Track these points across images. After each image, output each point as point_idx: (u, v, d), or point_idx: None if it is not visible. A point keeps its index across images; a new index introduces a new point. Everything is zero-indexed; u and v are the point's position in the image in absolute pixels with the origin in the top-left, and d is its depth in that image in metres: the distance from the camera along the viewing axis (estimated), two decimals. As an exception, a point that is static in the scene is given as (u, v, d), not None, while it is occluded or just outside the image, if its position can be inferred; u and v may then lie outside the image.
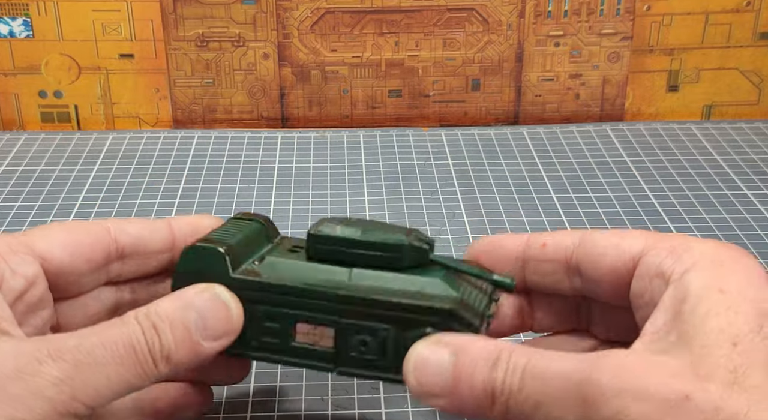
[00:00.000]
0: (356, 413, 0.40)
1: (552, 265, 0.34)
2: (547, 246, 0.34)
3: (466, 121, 0.75)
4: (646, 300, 0.30)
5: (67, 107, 0.74)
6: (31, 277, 0.32)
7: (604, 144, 0.69)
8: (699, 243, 0.30)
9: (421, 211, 0.59)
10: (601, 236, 0.33)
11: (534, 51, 0.73)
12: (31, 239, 0.33)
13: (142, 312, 0.30)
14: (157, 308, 0.30)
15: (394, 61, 0.73)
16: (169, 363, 0.29)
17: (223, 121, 0.75)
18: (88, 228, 0.34)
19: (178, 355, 0.30)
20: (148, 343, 0.29)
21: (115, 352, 0.28)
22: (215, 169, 0.65)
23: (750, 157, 0.67)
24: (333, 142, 0.70)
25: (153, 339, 0.29)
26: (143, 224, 0.35)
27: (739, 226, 0.56)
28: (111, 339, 0.28)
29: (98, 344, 0.28)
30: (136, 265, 0.35)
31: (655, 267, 0.30)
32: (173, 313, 0.30)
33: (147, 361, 0.29)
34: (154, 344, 0.29)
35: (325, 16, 0.72)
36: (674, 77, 0.75)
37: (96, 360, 0.28)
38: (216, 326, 0.31)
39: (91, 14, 0.71)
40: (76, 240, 0.33)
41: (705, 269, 0.28)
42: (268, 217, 0.36)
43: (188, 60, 0.72)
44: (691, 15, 0.73)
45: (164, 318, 0.30)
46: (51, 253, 0.32)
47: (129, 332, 0.29)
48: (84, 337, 0.28)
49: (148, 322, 0.29)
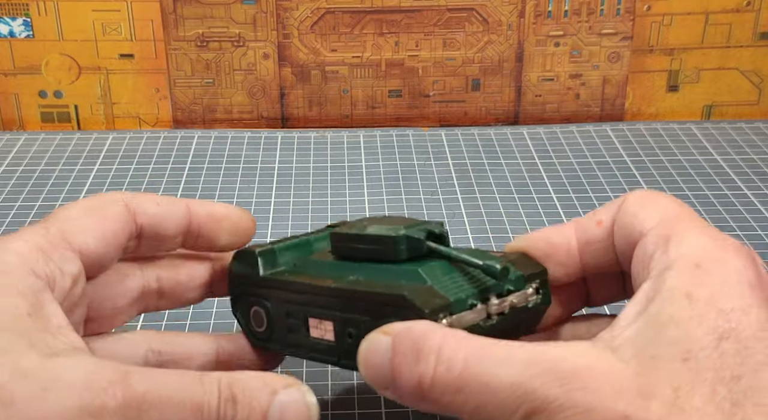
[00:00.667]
0: (356, 413, 0.40)
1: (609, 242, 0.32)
2: (603, 224, 0.32)
3: (466, 121, 0.75)
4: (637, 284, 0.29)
5: (67, 107, 0.74)
6: (77, 276, 0.31)
7: (604, 144, 0.69)
8: (693, 235, 0.28)
9: (421, 212, 0.59)
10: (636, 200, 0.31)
11: (534, 51, 0.73)
12: (66, 230, 0.31)
13: (226, 379, 0.27)
14: (244, 383, 0.28)
15: (394, 61, 0.73)
16: None
17: (223, 121, 0.75)
18: (110, 210, 0.33)
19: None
20: (220, 413, 0.27)
21: (182, 408, 0.26)
22: (215, 169, 0.65)
23: (750, 157, 0.67)
24: (333, 142, 0.70)
25: (227, 411, 0.27)
26: (162, 204, 0.34)
27: (739, 226, 0.56)
28: (182, 396, 0.26)
29: (167, 399, 0.26)
30: (150, 245, 0.34)
31: (648, 256, 0.29)
32: (257, 394, 0.28)
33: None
34: (225, 416, 0.27)
35: (325, 16, 0.72)
36: (674, 77, 0.75)
37: (162, 410, 0.26)
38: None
39: (91, 14, 0.71)
40: (106, 228, 0.32)
41: (682, 270, 0.27)
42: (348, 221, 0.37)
43: (188, 60, 0.72)
44: (691, 15, 0.73)
45: (246, 395, 0.27)
46: (87, 246, 0.31)
47: (204, 394, 0.27)
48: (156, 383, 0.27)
49: (228, 392, 0.27)
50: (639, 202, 0.31)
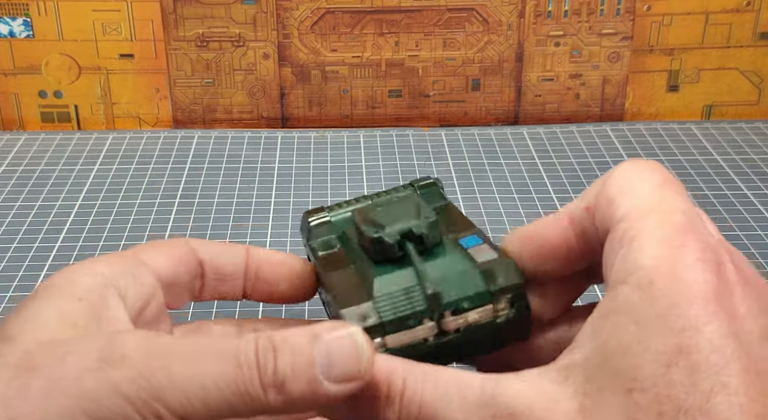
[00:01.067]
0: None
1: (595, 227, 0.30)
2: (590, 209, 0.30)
3: (466, 121, 0.75)
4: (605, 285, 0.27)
5: (67, 107, 0.74)
6: (151, 288, 0.30)
7: (604, 144, 0.69)
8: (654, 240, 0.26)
9: (421, 211, 0.59)
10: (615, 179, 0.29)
11: (534, 51, 0.73)
12: (144, 253, 0.31)
13: (264, 334, 0.26)
14: (282, 333, 0.26)
15: (394, 61, 0.73)
16: (281, 392, 0.25)
17: (223, 121, 0.75)
18: (173, 242, 0.33)
19: (294, 386, 0.25)
20: (260, 362, 0.25)
21: (216, 359, 0.25)
22: (215, 169, 0.65)
23: (750, 157, 0.67)
24: (333, 142, 0.70)
25: (267, 360, 0.25)
26: (220, 244, 0.34)
27: (739, 226, 0.56)
28: (216, 347, 0.25)
29: (197, 348, 0.25)
30: (212, 285, 0.34)
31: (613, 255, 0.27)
32: (298, 339, 0.26)
33: (253, 382, 0.25)
34: (266, 365, 0.25)
35: (325, 16, 0.72)
36: (674, 77, 0.75)
37: (189, 361, 0.25)
38: (343, 367, 0.26)
39: (91, 14, 0.71)
40: (173, 252, 0.32)
41: (635, 288, 0.25)
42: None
43: (188, 60, 0.72)
44: (691, 15, 0.73)
45: (287, 342, 0.26)
46: (160, 264, 0.31)
47: (239, 345, 0.25)
48: (185, 338, 0.26)
49: (267, 342, 0.25)
50: (619, 181, 0.28)
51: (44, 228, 0.57)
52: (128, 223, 0.57)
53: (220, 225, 0.57)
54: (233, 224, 0.57)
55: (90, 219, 0.58)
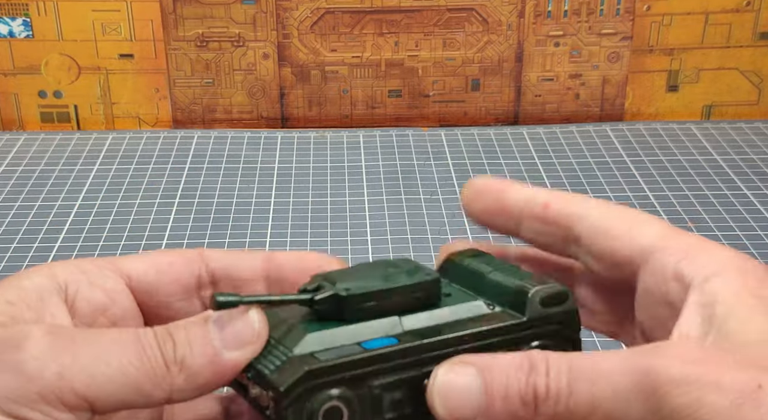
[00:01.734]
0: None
1: (551, 228, 0.32)
2: (550, 207, 0.32)
3: (465, 121, 0.75)
4: (657, 299, 0.29)
5: (66, 107, 0.74)
6: (110, 291, 0.30)
7: (604, 144, 0.69)
8: (715, 248, 0.29)
9: (421, 212, 0.59)
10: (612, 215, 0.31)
11: (534, 51, 0.73)
12: (120, 260, 0.31)
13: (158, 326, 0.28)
14: (176, 323, 0.28)
15: (394, 61, 0.73)
16: (184, 369, 0.27)
17: (222, 121, 0.75)
18: (182, 252, 0.32)
19: (195, 360, 0.27)
20: (159, 341, 0.27)
21: (118, 340, 0.26)
22: (215, 169, 0.65)
23: (750, 157, 0.67)
24: (333, 142, 0.70)
25: (164, 339, 0.27)
26: (237, 252, 0.33)
27: (739, 226, 0.56)
28: (116, 332, 0.27)
29: (99, 333, 0.26)
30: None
31: (672, 268, 0.28)
32: (191, 321, 0.28)
33: (157, 358, 0.26)
34: (165, 343, 0.27)
35: (325, 16, 0.72)
36: (674, 77, 0.75)
37: (92, 343, 0.26)
38: (236, 333, 0.28)
39: (91, 14, 0.71)
40: (166, 260, 0.32)
41: (732, 277, 0.27)
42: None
43: (188, 60, 0.72)
44: (691, 15, 0.73)
45: (179, 325, 0.27)
46: (136, 270, 0.31)
47: (137, 330, 0.27)
48: (87, 328, 0.27)
49: (161, 328, 0.27)
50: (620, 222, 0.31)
51: (44, 228, 0.57)
52: (128, 223, 0.57)
53: (220, 225, 0.57)
54: (233, 224, 0.57)
55: (90, 219, 0.58)
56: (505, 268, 0.32)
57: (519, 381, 0.27)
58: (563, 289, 0.30)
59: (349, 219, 0.58)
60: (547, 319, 0.30)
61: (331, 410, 0.29)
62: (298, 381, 0.28)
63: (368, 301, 0.30)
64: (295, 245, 0.55)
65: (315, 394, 0.28)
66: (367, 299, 0.30)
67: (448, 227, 0.57)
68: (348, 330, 0.30)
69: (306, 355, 0.28)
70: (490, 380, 0.27)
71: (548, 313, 0.30)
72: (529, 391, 0.27)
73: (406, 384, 0.29)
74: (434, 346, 0.29)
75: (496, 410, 0.27)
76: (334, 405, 0.29)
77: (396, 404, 0.29)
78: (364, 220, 0.58)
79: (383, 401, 0.29)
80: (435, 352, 0.29)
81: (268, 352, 0.29)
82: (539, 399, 0.26)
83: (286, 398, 0.28)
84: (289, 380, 0.28)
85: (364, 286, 0.30)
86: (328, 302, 0.30)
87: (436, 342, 0.29)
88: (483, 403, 0.27)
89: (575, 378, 0.26)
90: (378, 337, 0.29)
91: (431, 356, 0.29)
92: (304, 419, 0.28)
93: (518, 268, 0.32)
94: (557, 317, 0.30)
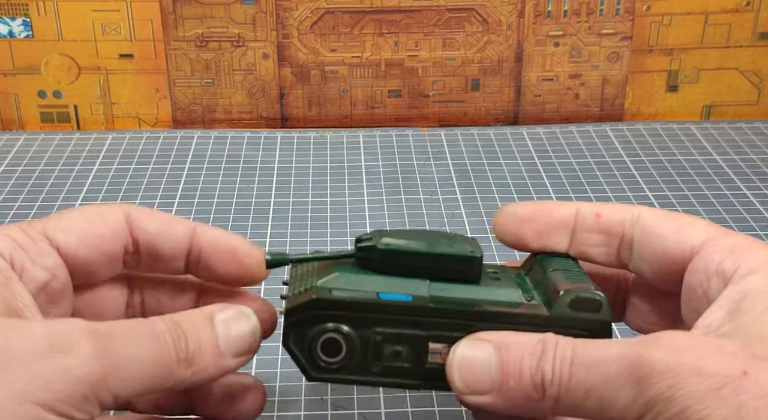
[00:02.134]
0: (356, 413, 0.40)
1: (605, 237, 0.33)
2: (602, 216, 0.33)
3: (465, 121, 0.75)
4: (699, 295, 0.30)
5: (66, 107, 0.74)
6: (52, 268, 0.31)
7: (604, 144, 0.69)
8: (762, 247, 0.29)
9: (421, 212, 0.59)
10: (662, 218, 0.32)
11: (534, 51, 0.73)
12: (47, 228, 0.32)
13: (166, 315, 0.29)
14: (181, 313, 0.29)
15: (393, 61, 0.73)
16: (191, 366, 0.28)
17: (222, 121, 0.75)
18: (105, 217, 0.33)
19: (202, 360, 0.29)
20: (173, 338, 0.28)
21: (143, 336, 0.28)
22: (215, 169, 0.65)
23: (749, 157, 0.67)
24: (332, 143, 0.70)
25: (178, 336, 0.28)
26: (165, 223, 0.34)
27: (739, 227, 0.56)
28: (137, 326, 0.28)
29: (127, 328, 0.28)
30: (150, 264, 0.34)
31: (716, 265, 0.29)
32: (199, 319, 0.29)
33: (171, 355, 0.28)
34: (179, 340, 0.28)
35: (324, 16, 0.72)
36: (674, 77, 0.75)
37: (127, 340, 0.27)
38: (242, 345, 0.30)
39: (91, 14, 0.71)
40: (93, 232, 0.32)
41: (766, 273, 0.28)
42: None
43: (188, 60, 0.72)
44: (690, 15, 0.73)
45: (189, 321, 0.29)
46: (67, 245, 0.32)
47: (154, 326, 0.28)
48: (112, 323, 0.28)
49: (171, 322, 0.29)
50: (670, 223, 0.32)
51: (44, 228, 0.57)
52: (128, 223, 0.57)
53: (220, 225, 0.57)
54: (233, 224, 0.57)
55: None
56: (571, 270, 0.32)
57: (531, 364, 0.28)
58: (598, 298, 0.30)
59: (348, 219, 0.58)
60: (574, 321, 0.30)
61: (330, 341, 0.31)
62: (302, 306, 0.30)
63: (403, 258, 0.31)
64: (294, 245, 0.55)
65: (317, 323, 0.30)
66: (402, 256, 0.31)
67: (447, 227, 0.57)
68: (375, 279, 0.31)
69: (324, 288, 0.30)
70: (506, 358, 0.28)
71: (576, 316, 0.30)
72: (538, 374, 0.28)
73: (409, 340, 0.31)
74: (443, 313, 0.31)
75: (510, 387, 0.28)
76: (333, 337, 0.31)
77: (396, 355, 0.31)
78: (363, 220, 0.58)
79: (384, 349, 0.31)
80: (443, 320, 0.30)
81: (305, 277, 0.32)
82: (546, 382, 0.27)
83: (289, 318, 0.30)
84: (295, 303, 0.30)
85: (405, 245, 0.31)
86: (367, 251, 0.31)
87: (447, 310, 0.30)
88: (498, 379, 0.28)
89: (575, 364, 0.27)
90: (400, 293, 0.31)
91: (438, 322, 0.30)
92: (305, 342, 0.31)
93: (584, 273, 0.32)
94: (586, 323, 0.30)
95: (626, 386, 0.26)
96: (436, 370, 0.30)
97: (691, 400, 0.25)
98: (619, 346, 0.27)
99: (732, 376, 0.25)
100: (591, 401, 0.27)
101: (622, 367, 0.26)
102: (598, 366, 0.27)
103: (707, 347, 0.26)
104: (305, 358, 0.31)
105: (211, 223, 0.58)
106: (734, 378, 0.25)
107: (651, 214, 0.33)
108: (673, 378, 0.25)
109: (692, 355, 0.25)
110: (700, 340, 0.27)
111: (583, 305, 0.30)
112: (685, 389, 0.25)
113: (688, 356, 0.25)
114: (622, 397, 0.26)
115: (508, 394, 0.28)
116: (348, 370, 0.31)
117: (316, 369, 0.31)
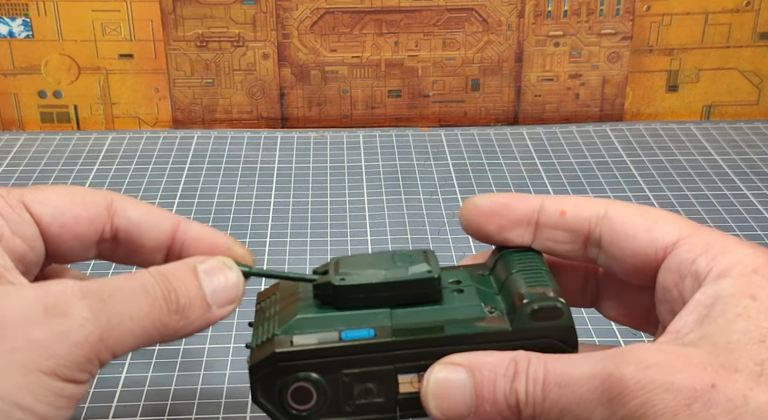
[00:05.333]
0: None
1: (570, 235, 0.32)
2: (567, 214, 0.32)
3: (465, 121, 0.75)
4: (674, 295, 0.29)
5: (66, 107, 0.74)
6: (30, 239, 0.31)
7: (604, 144, 0.69)
8: (736, 245, 0.29)
9: (421, 212, 0.59)
10: (632, 215, 0.31)
11: (533, 51, 0.73)
12: (27, 198, 0.32)
13: (152, 268, 0.29)
14: (166, 266, 0.30)
15: (393, 61, 0.73)
16: (183, 318, 0.29)
17: (222, 121, 0.75)
18: (89, 201, 0.33)
19: (191, 312, 0.29)
20: (164, 292, 0.28)
21: (135, 292, 0.28)
22: (215, 169, 0.65)
23: (749, 157, 0.67)
24: (332, 142, 0.70)
25: (168, 290, 0.29)
26: (149, 212, 0.33)
27: (739, 227, 0.56)
28: (128, 281, 0.28)
29: (118, 285, 0.28)
30: (127, 254, 0.34)
31: (689, 265, 0.29)
32: (185, 271, 0.30)
33: (163, 310, 0.28)
34: (169, 294, 0.28)
35: (324, 16, 0.72)
36: (674, 77, 0.75)
37: (120, 298, 0.27)
38: (227, 294, 0.30)
39: (91, 14, 0.71)
40: (70, 212, 0.32)
41: (739, 276, 0.28)
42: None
43: (188, 60, 0.72)
44: (690, 15, 0.73)
45: (175, 273, 0.29)
46: (41, 218, 0.31)
47: (142, 279, 0.28)
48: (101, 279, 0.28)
49: (160, 275, 0.29)
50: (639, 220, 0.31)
51: (44, 228, 0.57)
52: (128, 223, 0.57)
53: (220, 225, 0.57)
54: (233, 224, 0.57)
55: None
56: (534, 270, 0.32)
57: (504, 386, 0.27)
58: (559, 306, 0.30)
59: (348, 219, 0.58)
60: (538, 331, 0.30)
61: (300, 390, 0.30)
62: (265, 361, 0.30)
63: (360, 292, 0.31)
64: (294, 245, 0.55)
65: (285, 374, 0.30)
66: (359, 290, 0.31)
67: (447, 227, 0.57)
68: (336, 317, 0.31)
69: (285, 337, 0.30)
70: (480, 381, 0.28)
71: (537, 326, 0.30)
72: (512, 396, 0.27)
73: (377, 376, 0.30)
74: (406, 344, 0.30)
75: (486, 411, 0.28)
76: (303, 386, 0.30)
77: (367, 392, 0.31)
78: (363, 220, 0.58)
79: (354, 388, 0.30)
80: (408, 350, 0.30)
81: (267, 322, 0.32)
82: (521, 404, 0.27)
83: (255, 374, 0.30)
84: (258, 358, 0.30)
85: (360, 277, 0.31)
86: (323, 289, 0.31)
87: (409, 341, 0.30)
88: (473, 403, 0.28)
89: (547, 383, 0.27)
90: (361, 328, 0.30)
91: (403, 354, 0.30)
92: (273, 394, 0.30)
93: (548, 273, 0.32)
94: (549, 332, 0.30)
95: (599, 406, 0.26)
96: (410, 398, 0.30)
97: (663, 418, 0.25)
98: (591, 363, 0.26)
99: (701, 390, 0.25)
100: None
101: (594, 386, 0.26)
102: (571, 385, 0.26)
103: (676, 361, 0.26)
104: (277, 409, 0.31)
105: (211, 222, 0.58)
106: (703, 391, 0.25)
107: (619, 211, 0.31)
108: (645, 395, 0.25)
109: (662, 370, 0.25)
110: (669, 353, 0.26)
111: (544, 315, 0.30)
112: (657, 407, 0.25)
113: (658, 372, 0.25)
114: (596, 416, 0.26)
115: (484, 418, 0.28)
116: (322, 413, 0.31)
117: (289, 418, 0.31)
